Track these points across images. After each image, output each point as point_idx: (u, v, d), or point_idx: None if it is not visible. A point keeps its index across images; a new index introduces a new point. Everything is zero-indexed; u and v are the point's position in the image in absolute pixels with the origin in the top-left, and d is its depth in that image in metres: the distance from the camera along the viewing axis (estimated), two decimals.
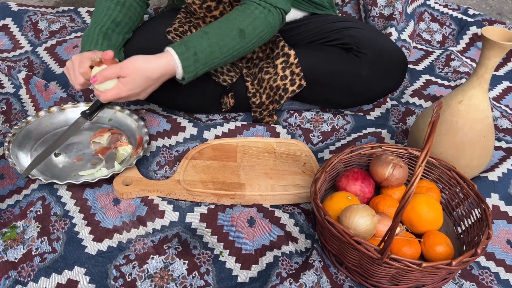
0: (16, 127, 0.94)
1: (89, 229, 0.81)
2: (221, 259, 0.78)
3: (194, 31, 1.05)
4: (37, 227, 0.80)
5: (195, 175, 0.92)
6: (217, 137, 1.04)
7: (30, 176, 0.85)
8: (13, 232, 0.79)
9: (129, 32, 0.99)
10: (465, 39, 1.50)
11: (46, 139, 0.97)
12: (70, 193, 0.86)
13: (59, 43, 1.31)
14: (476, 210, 0.81)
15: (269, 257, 0.78)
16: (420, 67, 1.38)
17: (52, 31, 1.38)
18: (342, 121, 1.12)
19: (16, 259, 0.75)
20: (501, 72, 1.39)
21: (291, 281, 0.74)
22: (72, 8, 1.53)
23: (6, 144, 0.90)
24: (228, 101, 1.07)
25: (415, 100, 1.23)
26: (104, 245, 0.78)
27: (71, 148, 0.96)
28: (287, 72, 1.03)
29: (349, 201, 0.80)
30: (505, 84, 1.34)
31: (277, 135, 1.07)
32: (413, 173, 0.90)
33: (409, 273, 0.71)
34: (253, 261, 0.78)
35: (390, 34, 1.34)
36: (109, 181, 0.88)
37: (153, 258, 0.77)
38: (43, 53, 1.29)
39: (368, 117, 1.14)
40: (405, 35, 1.39)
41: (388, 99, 1.21)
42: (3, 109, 1.10)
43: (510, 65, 1.41)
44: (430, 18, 1.56)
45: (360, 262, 0.74)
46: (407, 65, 1.07)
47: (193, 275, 0.75)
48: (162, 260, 0.77)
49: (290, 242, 0.81)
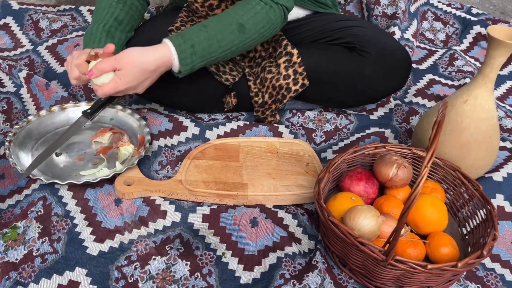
0: (17, 127, 0.94)
1: (91, 229, 0.80)
2: (223, 260, 0.77)
3: None
4: (38, 227, 0.79)
5: (197, 175, 0.91)
6: (219, 136, 1.03)
7: (31, 176, 0.84)
8: (14, 232, 0.79)
9: (131, 31, 0.98)
10: (469, 38, 1.49)
11: (47, 139, 0.97)
12: (71, 193, 0.85)
13: (60, 42, 1.31)
14: (481, 211, 0.80)
15: (272, 258, 0.78)
16: (423, 66, 1.37)
17: (53, 30, 1.37)
18: (345, 121, 1.11)
19: (16, 259, 0.74)
20: (505, 71, 1.38)
21: (295, 283, 0.73)
22: (73, 7, 1.52)
23: (7, 143, 0.89)
24: (230, 101, 1.06)
25: (419, 99, 1.22)
26: (105, 246, 0.78)
27: (72, 147, 0.95)
28: (290, 71, 1.02)
29: (353, 201, 0.79)
30: (509, 83, 1.33)
31: (279, 134, 1.06)
32: (418, 173, 0.90)
33: (414, 275, 0.70)
34: (256, 262, 0.77)
35: (393, 33, 1.33)
36: (111, 181, 0.88)
37: (155, 259, 0.76)
38: (44, 52, 1.28)
39: (371, 117, 1.13)
40: (408, 34, 1.38)
41: (391, 99, 1.20)
42: (4, 108, 1.09)
43: None
44: (433, 17, 1.55)
45: (364, 263, 0.73)
46: (411, 64, 1.06)
47: (196, 276, 0.75)
48: (164, 261, 0.76)
49: (293, 243, 0.81)
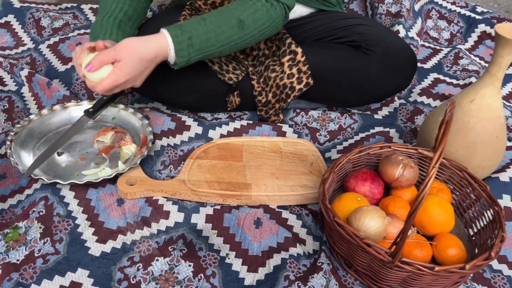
0: (18, 126, 0.93)
1: (93, 230, 0.79)
2: (227, 261, 0.76)
3: None
4: (40, 227, 0.79)
5: (200, 175, 0.90)
6: (222, 136, 1.02)
7: (32, 175, 0.84)
8: (15, 233, 0.78)
9: (136, 28, 0.97)
10: (473, 37, 1.48)
11: (48, 138, 0.96)
12: (73, 193, 0.85)
13: (62, 41, 1.30)
14: (488, 211, 0.79)
15: (276, 260, 0.77)
16: (428, 65, 1.36)
17: (55, 28, 1.36)
18: (349, 120, 1.10)
19: (18, 260, 0.74)
20: (510, 70, 1.36)
21: (300, 284, 0.72)
22: (75, 5, 1.51)
23: (8, 143, 0.89)
24: (233, 100, 1.05)
25: (423, 99, 1.21)
26: (108, 247, 0.77)
27: (74, 147, 0.94)
28: (294, 70, 1.01)
29: (358, 202, 0.78)
30: None
31: (283, 134, 1.05)
32: (426, 174, 0.89)
33: (421, 277, 0.69)
34: (260, 263, 0.76)
35: (397, 31, 1.32)
36: (113, 181, 0.87)
37: (157, 260, 0.75)
38: (46, 51, 1.28)
39: (376, 116, 1.12)
40: (412, 33, 1.37)
41: (395, 98, 1.19)
42: (5, 107, 1.08)
43: None
44: (437, 15, 1.54)
45: (370, 265, 0.72)
46: (417, 63, 1.04)
47: (199, 277, 0.74)
48: (167, 262, 0.75)
49: (297, 244, 0.80)
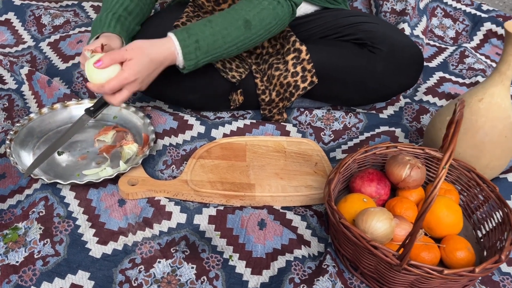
0: (18, 125, 0.91)
1: (94, 231, 0.78)
2: (230, 263, 0.75)
3: None
4: (40, 228, 0.77)
5: (203, 175, 0.89)
6: (225, 135, 1.00)
7: (32, 175, 0.82)
8: (15, 234, 0.76)
9: (138, 24, 0.96)
10: (479, 35, 1.46)
11: (49, 137, 0.95)
12: (73, 193, 0.83)
13: (63, 38, 1.29)
14: (497, 213, 0.78)
15: (281, 262, 0.75)
16: (433, 64, 1.34)
17: (55, 26, 1.35)
18: (354, 119, 1.08)
19: (17, 262, 0.72)
20: None
21: (305, 287, 0.70)
22: (75, 2, 1.50)
23: (7, 142, 0.87)
24: (237, 98, 1.03)
25: (429, 98, 1.19)
26: (109, 248, 0.75)
27: (75, 146, 0.93)
28: (298, 68, 0.99)
29: (364, 203, 0.77)
30: None
31: (287, 133, 1.03)
32: (433, 174, 0.87)
33: (429, 280, 0.67)
34: (264, 265, 0.75)
35: (402, 29, 1.30)
36: (114, 181, 0.85)
37: (160, 262, 0.74)
38: (46, 49, 1.26)
39: (381, 116, 1.10)
40: (418, 31, 1.35)
41: (401, 97, 1.17)
42: (5, 106, 1.07)
43: None
44: (442, 13, 1.52)
45: (376, 267, 0.70)
46: (423, 62, 1.03)
47: (202, 280, 0.72)
48: (169, 264, 0.74)
49: (302, 245, 0.78)
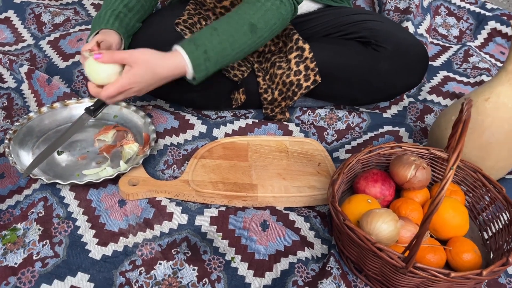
0: (17, 124, 0.90)
1: (93, 232, 0.77)
2: (233, 265, 0.74)
3: (203, 23, 1.01)
4: (39, 229, 0.76)
5: (204, 175, 0.88)
6: (227, 135, 0.99)
7: (31, 175, 0.81)
8: (13, 235, 0.75)
9: (139, 20, 0.94)
10: (483, 34, 1.44)
11: (48, 137, 0.93)
12: (73, 193, 0.82)
13: (63, 37, 1.27)
14: (504, 214, 0.77)
15: (284, 264, 0.74)
16: (437, 63, 1.32)
17: (55, 24, 1.33)
18: (357, 119, 1.07)
19: (16, 264, 0.71)
20: None
21: None
22: (76, 0, 1.48)
23: (6, 141, 0.86)
24: (239, 97, 1.02)
25: (433, 97, 1.18)
26: (109, 250, 0.74)
27: (75, 146, 0.92)
28: (301, 67, 0.98)
29: (369, 204, 0.75)
30: None
31: (289, 133, 1.02)
32: (441, 175, 0.86)
33: (435, 283, 0.66)
34: (266, 267, 0.74)
35: (406, 28, 1.29)
36: (115, 181, 0.84)
37: (160, 263, 0.73)
38: (46, 47, 1.25)
39: (384, 115, 1.09)
40: (422, 30, 1.34)
41: (404, 96, 1.16)
42: (5, 105, 1.05)
43: None
44: (446, 12, 1.50)
45: (381, 270, 0.69)
46: (428, 60, 1.01)
47: (204, 282, 0.71)
48: (170, 266, 0.73)
49: (305, 247, 0.77)
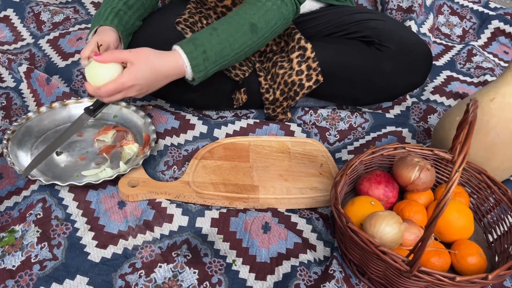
0: (15, 124, 0.89)
1: (93, 234, 0.76)
2: (234, 268, 0.73)
3: (204, 22, 1.00)
4: (37, 231, 0.75)
5: (205, 176, 0.86)
6: (228, 135, 0.98)
7: (29, 176, 0.80)
8: (11, 237, 0.74)
9: (139, 18, 0.93)
10: (487, 33, 1.43)
11: (47, 137, 0.92)
12: (72, 195, 0.81)
13: (62, 36, 1.26)
14: (509, 216, 0.76)
15: (286, 267, 0.73)
16: (440, 62, 1.31)
17: (55, 22, 1.32)
18: (360, 119, 1.05)
19: (14, 266, 0.70)
20: None
21: None
22: None
23: (4, 141, 0.85)
24: (240, 97, 1.01)
25: (436, 97, 1.16)
26: (108, 252, 0.73)
27: (74, 146, 0.91)
28: (303, 66, 0.97)
29: (372, 206, 0.74)
30: None
31: (291, 133, 1.01)
32: (446, 177, 0.85)
33: (440, 287, 0.65)
34: (268, 270, 0.73)
35: (409, 27, 1.27)
36: (114, 182, 0.83)
37: (161, 266, 0.72)
38: (46, 46, 1.24)
39: (387, 115, 1.08)
40: (425, 29, 1.32)
41: (407, 96, 1.14)
42: (3, 104, 1.04)
43: None
44: (449, 11, 1.49)
45: (385, 273, 0.68)
46: (432, 60, 1.00)
47: (204, 285, 0.70)
48: (170, 268, 0.72)
49: (308, 250, 0.76)
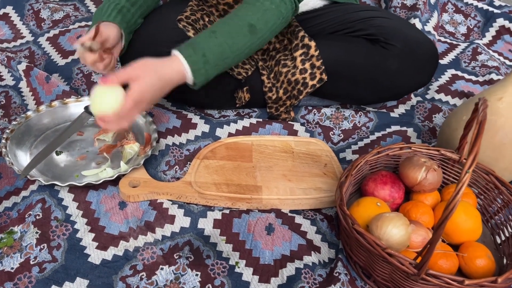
0: (14, 123, 0.88)
1: (93, 235, 0.74)
2: (237, 270, 0.71)
3: (206, 19, 0.98)
4: (36, 233, 0.74)
5: (207, 176, 0.85)
6: (230, 135, 0.96)
7: (28, 176, 0.78)
8: (10, 238, 0.73)
9: (142, 16, 0.92)
10: (491, 31, 1.41)
11: (47, 136, 0.91)
12: (72, 195, 0.80)
13: (62, 33, 1.25)
14: None
15: (290, 269, 0.71)
16: (445, 61, 1.29)
17: (55, 20, 1.31)
18: (364, 118, 1.04)
19: (12, 269, 0.69)
20: None
21: None
22: None
23: (3, 141, 0.84)
24: (243, 96, 0.99)
25: (441, 96, 1.15)
26: (109, 254, 0.72)
27: (74, 146, 0.90)
28: (307, 65, 0.95)
29: (378, 208, 0.73)
30: None
31: (294, 133, 0.99)
32: (452, 177, 0.83)
33: None
34: (272, 273, 0.71)
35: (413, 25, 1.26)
36: (115, 182, 0.82)
37: (162, 268, 0.70)
38: (45, 44, 1.22)
39: (392, 114, 1.06)
40: (429, 27, 1.31)
41: (412, 95, 1.13)
42: (2, 103, 1.03)
43: None
44: (453, 9, 1.47)
45: (391, 276, 0.66)
46: (438, 58, 0.98)
47: None
48: (172, 271, 0.70)
49: (312, 251, 0.74)
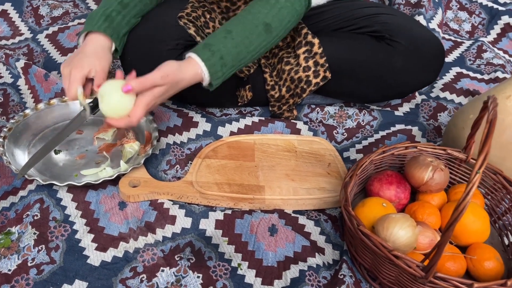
0: (12, 121, 0.86)
1: (92, 236, 0.73)
2: (239, 272, 0.70)
3: (208, 16, 0.96)
4: (34, 233, 0.72)
5: (209, 176, 0.83)
6: (232, 133, 0.95)
7: (26, 176, 0.77)
8: (8, 239, 0.71)
9: (137, 16, 0.90)
10: (496, 29, 1.39)
11: (45, 135, 0.90)
12: (71, 195, 0.78)
13: (61, 30, 1.24)
14: None
15: (293, 271, 0.70)
16: (449, 59, 1.28)
17: (54, 17, 1.30)
18: (368, 117, 1.02)
19: (9, 270, 0.67)
20: None
21: None
22: None
23: (1, 139, 0.82)
24: (245, 94, 0.97)
25: (446, 94, 1.13)
26: (108, 255, 0.71)
27: (73, 144, 0.88)
28: (310, 62, 0.93)
29: (384, 208, 0.71)
30: None
31: (297, 131, 0.97)
32: (460, 177, 0.81)
33: None
34: (275, 275, 0.70)
35: None
36: (115, 182, 0.80)
37: (163, 270, 0.69)
38: (44, 41, 1.21)
39: (396, 113, 1.04)
40: (434, 24, 1.29)
41: (417, 94, 1.11)
42: (0, 101, 1.01)
43: None
44: (458, 6, 1.45)
45: (398, 278, 0.65)
46: (445, 56, 0.97)
47: None
48: (173, 273, 0.69)
49: (316, 253, 0.73)
